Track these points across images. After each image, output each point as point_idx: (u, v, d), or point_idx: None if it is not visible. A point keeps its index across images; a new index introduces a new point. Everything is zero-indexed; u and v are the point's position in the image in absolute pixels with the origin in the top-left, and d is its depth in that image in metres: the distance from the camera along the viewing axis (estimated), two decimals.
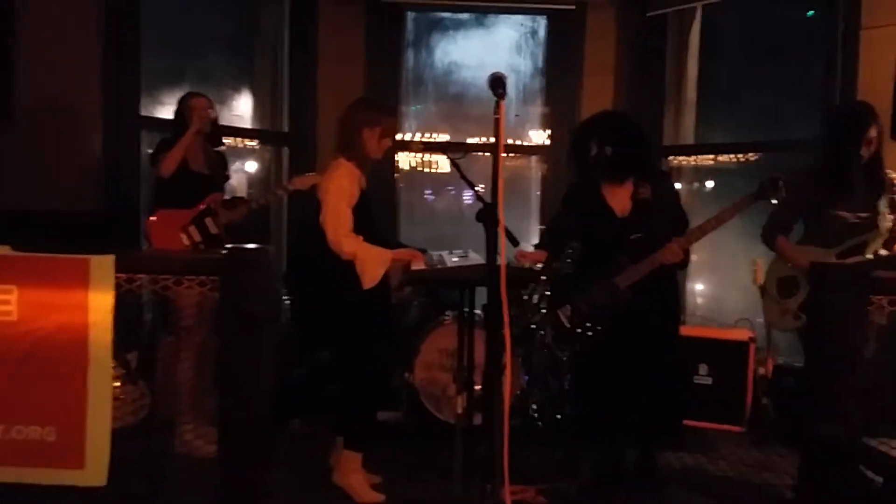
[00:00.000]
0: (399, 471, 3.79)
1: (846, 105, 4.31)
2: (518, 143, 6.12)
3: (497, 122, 2.57)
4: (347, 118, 3.55)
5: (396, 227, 5.96)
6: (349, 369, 3.53)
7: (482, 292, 3.02)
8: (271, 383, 2.44)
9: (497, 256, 2.66)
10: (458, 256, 3.58)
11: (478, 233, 2.73)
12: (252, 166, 5.99)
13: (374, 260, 3.38)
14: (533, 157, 6.21)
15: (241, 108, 5.85)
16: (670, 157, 5.87)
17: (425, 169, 6.11)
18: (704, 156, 5.84)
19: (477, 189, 3.18)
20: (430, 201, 6.43)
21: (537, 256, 3.85)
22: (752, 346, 4.59)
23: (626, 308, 3.52)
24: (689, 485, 3.83)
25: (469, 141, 6.02)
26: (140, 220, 4.56)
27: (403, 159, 6.06)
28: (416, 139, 5.93)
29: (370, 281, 3.38)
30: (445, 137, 6.04)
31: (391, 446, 4.04)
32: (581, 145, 3.63)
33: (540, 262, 3.83)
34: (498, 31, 6.15)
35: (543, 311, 4.36)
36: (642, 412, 3.56)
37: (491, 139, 2.58)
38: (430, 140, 5.93)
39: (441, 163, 6.05)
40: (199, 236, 4.02)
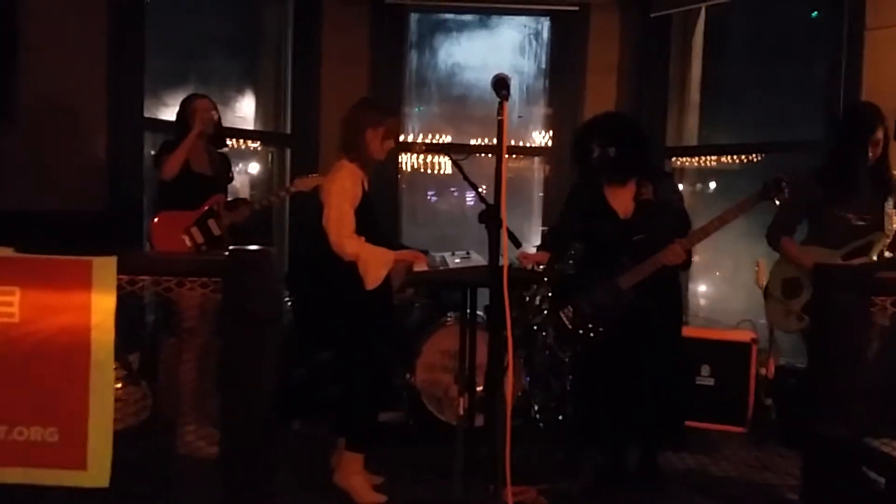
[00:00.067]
0: (400, 472, 3.79)
1: (852, 106, 4.26)
2: (521, 144, 6.12)
3: (500, 124, 2.56)
4: (350, 119, 3.54)
5: (399, 229, 5.96)
6: (351, 370, 3.53)
7: (484, 293, 3.03)
8: (273, 384, 2.44)
9: (499, 258, 2.66)
10: (461, 258, 3.59)
11: (480, 234, 2.72)
12: (255, 168, 5.99)
13: (376, 261, 3.38)
14: (536, 159, 6.22)
15: (244, 110, 5.85)
16: (674, 158, 5.87)
17: (428, 170, 6.12)
18: (708, 157, 5.83)
19: (479, 190, 3.18)
20: (432, 202, 6.43)
21: (540, 258, 3.85)
22: (754, 347, 4.59)
23: (628, 309, 3.51)
24: (690, 485, 3.84)
25: (472, 142, 6.03)
26: (143, 222, 4.58)
27: (406, 160, 6.07)
28: (420, 140, 5.94)
29: (373, 282, 3.37)
30: (448, 139, 6.05)
31: (393, 447, 4.04)
32: (583, 146, 3.63)
33: (542, 264, 3.83)
34: (501, 32, 6.15)
35: (545, 312, 4.38)
36: (644, 413, 3.56)
37: (494, 140, 2.58)
38: (434, 141, 5.94)
39: (444, 164, 6.06)
40: (202, 238, 4.02)
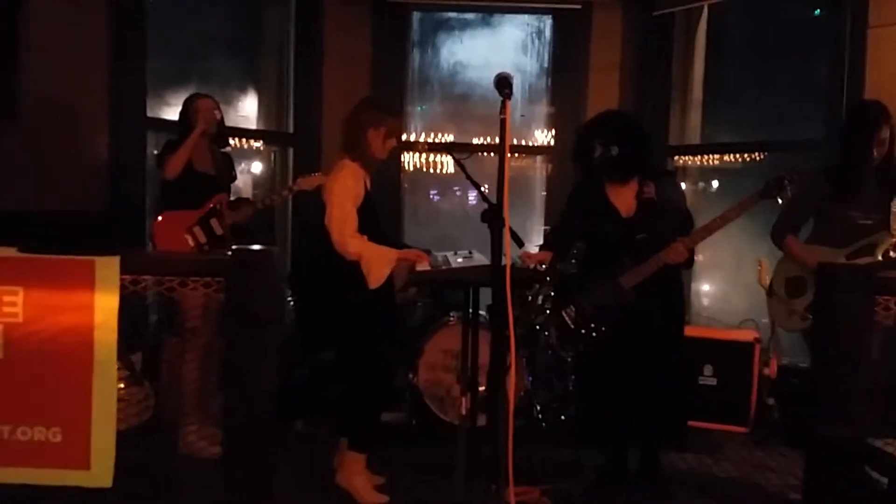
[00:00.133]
0: (403, 472, 3.79)
1: (857, 104, 4.22)
2: (523, 143, 6.12)
3: (503, 123, 2.55)
4: (352, 118, 3.54)
5: (401, 228, 5.96)
6: (353, 370, 3.53)
7: (486, 293, 3.03)
8: (275, 384, 2.44)
9: (502, 257, 2.65)
10: (463, 257, 3.58)
11: (482, 233, 2.72)
12: (257, 167, 5.99)
13: (379, 260, 3.38)
14: (538, 157, 6.21)
15: (247, 109, 5.84)
16: (676, 157, 5.86)
17: (430, 169, 6.11)
18: (710, 156, 5.82)
19: (482, 189, 3.18)
20: (434, 202, 6.43)
21: (542, 257, 3.84)
22: (756, 347, 4.58)
23: (630, 308, 3.51)
24: (692, 485, 3.84)
25: (474, 141, 6.02)
26: (146, 221, 4.58)
27: (409, 160, 6.07)
28: (422, 139, 5.94)
29: (376, 281, 3.37)
30: (451, 138, 6.05)
31: (395, 447, 4.04)
32: (585, 145, 3.63)
33: (545, 263, 3.82)
34: (504, 30, 6.15)
35: (548, 311, 4.37)
36: (646, 413, 3.55)
37: (496, 139, 2.57)
38: (436, 140, 5.93)
39: (446, 163, 6.06)
40: (205, 237, 4.02)
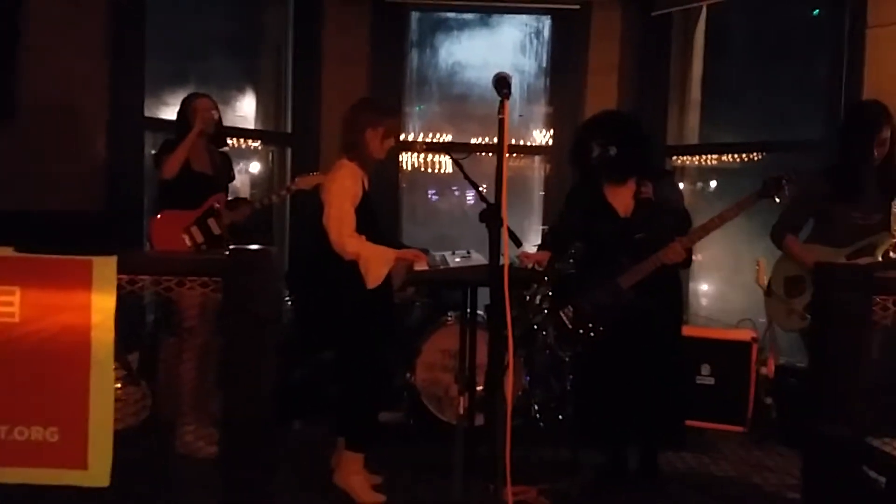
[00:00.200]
0: (400, 472, 3.79)
1: (858, 104, 4.20)
2: (522, 143, 6.11)
3: (501, 123, 2.55)
4: (350, 118, 3.54)
5: (399, 228, 5.96)
6: (351, 370, 3.53)
7: (484, 293, 3.03)
8: (274, 384, 2.44)
9: (500, 257, 2.65)
10: (461, 257, 3.59)
11: (480, 233, 2.72)
12: (255, 167, 5.99)
13: (377, 259, 3.38)
14: (536, 158, 6.21)
15: (245, 109, 5.84)
16: (674, 157, 5.86)
17: (428, 169, 6.11)
18: (708, 156, 5.83)
19: (480, 189, 3.18)
20: (433, 201, 6.43)
21: (540, 257, 3.84)
22: (754, 347, 4.58)
23: (628, 308, 3.51)
24: (690, 485, 3.84)
25: (472, 141, 6.02)
26: (143, 221, 4.57)
27: (407, 159, 6.07)
28: (420, 139, 5.94)
29: (374, 281, 3.37)
30: (449, 137, 6.05)
31: (393, 447, 4.05)
32: (583, 145, 3.63)
33: (543, 263, 3.82)
34: (502, 30, 6.15)
35: (546, 311, 4.37)
36: (644, 412, 3.56)
37: (494, 139, 2.57)
38: (434, 140, 5.94)
39: (444, 163, 6.05)
40: (202, 237, 4.02)
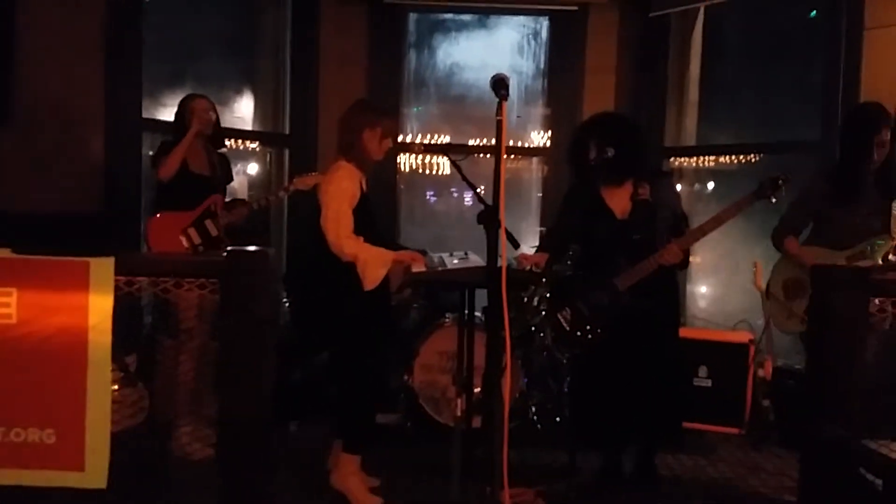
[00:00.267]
0: (398, 473, 3.79)
1: (858, 106, 4.18)
2: (519, 144, 6.12)
3: (499, 124, 2.55)
4: (348, 119, 3.54)
5: (397, 229, 5.96)
6: (348, 371, 3.52)
7: (482, 294, 3.02)
8: (272, 385, 2.43)
9: (498, 258, 2.65)
10: (459, 258, 3.58)
11: (478, 235, 2.72)
12: (253, 168, 5.98)
13: (375, 261, 3.38)
14: (534, 159, 6.21)
15: (243, 110, 5.84)
16: (672, 158, 5.86)
17: (426, 171, 6.11)
18: (706, 157, 5.83)
19: (478, 191, 3.17)
20: (430, 203, 6.43)
21: (538, 259, 3.84)
22: (751, 349, 4.58)
23: (625, 310, 3.51)
24: (688, 487, 3.84)
25: (470, 142, 6.02)
26: (141, 223, 4.57)
27: (405, 161, 6.06)
28: (418, 141, 5.93)
29: (371, 282, 3.37)
30: (447, 139, 6.04)
31: (390, 449, 4.05)
32: (580, 147, 3.63)
33: (541, 265, 3.82)
34: (500, 32, 6.15)
35: (543, 313, 4.36)
36: (642, 414, 3.55)
37: (492, 141, 2.57)
38: (432, 142, 5.94)
39: (442, 164, 6.05)
40: (199, 238, 4.02)
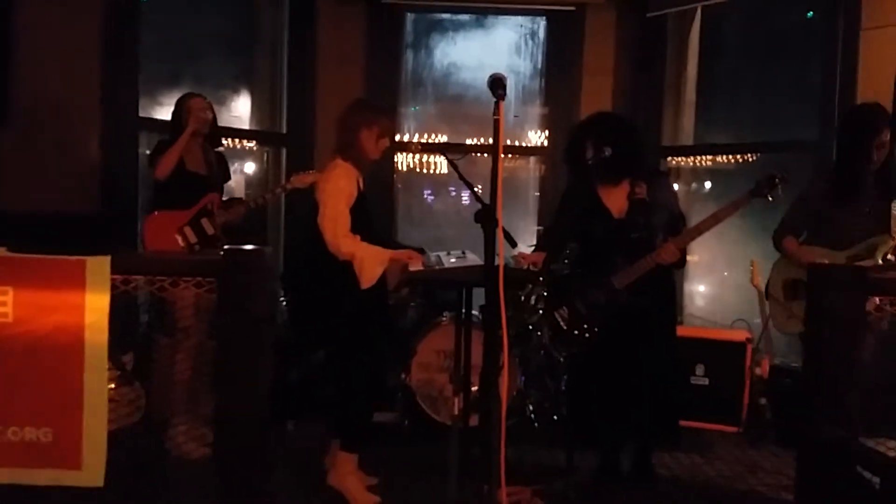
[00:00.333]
0: (395, 472, 3.79)
1: (858, 107, 4.15)
2: (517, 144, 6.12)
3: (496, 123, 2.55)
4: (345, 119, 3.54)
5: (394, 228, 5.97)
6: (346, 370, 3.53)
7: (479, 293, 3.03)
8: (269, 384, 2.43)
9: (495, 257, 2.66)
10: (456, 257, 3.58)
11: (476, 234, 2.72)
12: (250, 167, 5.98)
13: (372, 259, 3.38)
14: (531, 158, 6.21)
15: (240, 109, 5.83)
16: (669, 158, 5.87)
17: (424, 170, 6.11)
18: (703, 156, 5.83)
19: (475, 190, 3.18)
20: (428, 202, 6.43)
21: (536, 258, 3.84)
22: (748, 347, 4.59)
23: (622, 309, 3.52)
24: (685, 485, 3.84)
25: (468, 142, 6.03)
26: (138, 222, 4.57)
27: (402, 160, 6.07)
28: (415, 140, 5.93)
29: (368, 281, 3.37)
30: (444, 138, 6.05)
31: (387, 447, 4.04)
32: (578, 146, 3.63)
33: (539, 264, 3.82)
34: (497, 32, 6.15)
35: (540, 311, 4.38)
36: (639, 413, 3.56)
37: (490, 140, 2.57)
38: (429, 141, 5.94)
39: (440, 164, 6.06)
40: (195, 237, 4.01)
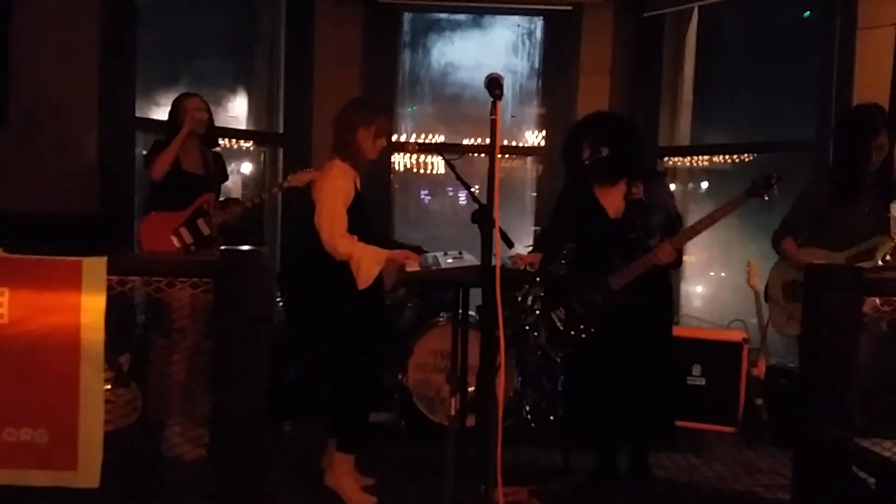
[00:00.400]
0: (392, 473, 3.79)
1: (857, 108, 4.12)
2: (514, 144, 6.12)
3: (493, 123, 2.55)
4: (342, 119, 3.54)
5: (391, 228, 5.96)
6: (342, 370, 3.52)
7: (476, 293, 3.03)
8: (265, 384, 2.43)
9: (492, 258, 2.65)
10: (453, 257, 3.58)
11: (473, 234, 2.72)
12: (247, 167, 5.97)
13: (368, 260, 3.37)
14: (528, 158, 6.21)
15: (237, 109, 5.83)
16: (666, 158, 5.87)
17: (421, 170, 6.11)
18: (700, 157, 5.84)
19: (472, 190, 3.18)
20: (425, 202, 6.43)
21: (533, 259, 3.84)
22: (745, 347, 4.59)
23: (619, 309, 3.52)
24: (681, 486, 3.85)
25: (465, 142, 6.02)
26: (135, 222, 4.56)
27: (399, 160, 6.06)
28: (412, 140, 5.92)
29: (365, 281, 3.37)
30: (441, 138, 6.04)
31: (384, 448, 4.04)
32: (574, 146, 3.63)
33: (536, 265, 3.82)
34: (494, 31, 6.15)
35: (537, 312, 4.38)
36: (635, 413, 3.56)
37: (487, 140, 2.57)
38: (426, 141, 5.93)
39: (437, 164, 6.06)
40: (191, 238, 4.00)
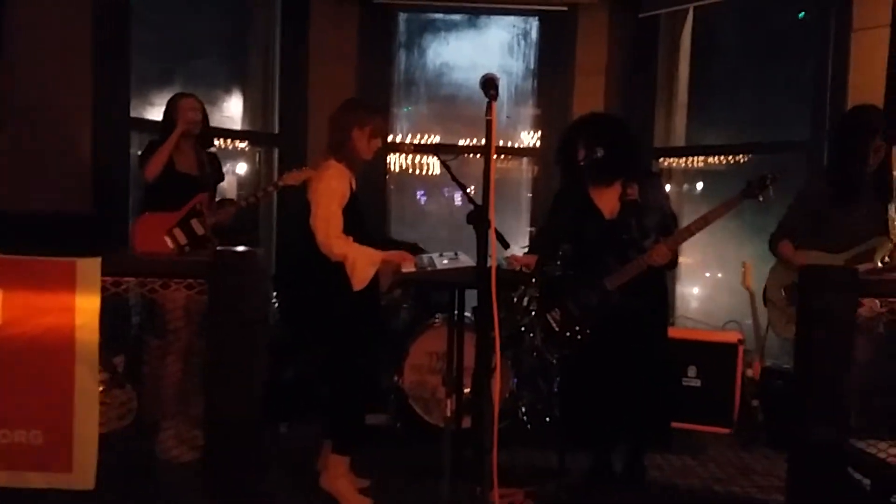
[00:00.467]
0: (387, 474, 3.78)
1: (854, 109, 4.07)
2: (509, 144, 6.11)
3: (488, 124, 2.55)
4: (337, 119, 3.53)
5: (387, 229, 5.96)
6: (338, 371, 3.52)
7: (472, 295, 3.02)
8: (261, 386, 2.42)
9: (487, 258, 2.65)
10: (449, 259, 3.58)
11: (468, 235, 2.72)
12: (242, 168, 5.96)
13: (364, 261, 3.37)
14: (524, 159, 6.21)
15: (232, 109, 5.81)
16: (661, 159, 5.87)
17: (416, 171, 6.10)
18: (695, 157, 5.84)
19: (467, 191, 3.17)
20: (420, 203, 6.42)
21: (528, 261, 3.83)
22: (740, 349, 4.60)
23: (615, 310, 3.52)
24: (676, 487, 3.84)
25: (460, 143, 6.02)
26: (129, 223, 4.55)
27: (394, 161, 6.05)
28: (408, 141, 5.93)
29: (360, 282, 3.36)
30: (437, 139, 6.04)
31: (380, 449, 4.04)
32: (570, 147, 3.63)
33: (531, 266, 3.82)
34: (490, 32, 6.14)
35: (533, 313, 4.37)
36: (631, 414, 3.56)
37: (482, 141, 2.57)
38: (422, 142, 5.93)
39: (432, 164, 6.04)
40: (185, 239, 3.98)
